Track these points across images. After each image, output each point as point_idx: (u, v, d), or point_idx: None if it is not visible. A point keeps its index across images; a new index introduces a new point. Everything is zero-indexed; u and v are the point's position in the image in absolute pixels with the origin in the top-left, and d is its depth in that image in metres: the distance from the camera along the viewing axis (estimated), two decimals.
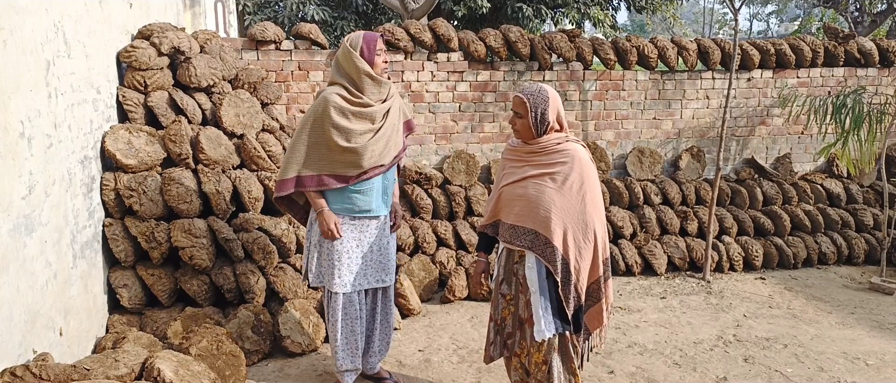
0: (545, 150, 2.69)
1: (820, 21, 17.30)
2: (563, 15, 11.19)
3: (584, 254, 2.68)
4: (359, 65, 2.96)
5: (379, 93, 3.03)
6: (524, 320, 2.76)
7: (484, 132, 5.67)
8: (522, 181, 2.71)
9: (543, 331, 2.67)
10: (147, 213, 3.69)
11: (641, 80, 5.90)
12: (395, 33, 5.27)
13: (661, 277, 5.33)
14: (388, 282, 3.25)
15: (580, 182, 2.64)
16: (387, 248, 3.23)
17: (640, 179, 5.82)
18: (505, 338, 2.86)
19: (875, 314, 4.59)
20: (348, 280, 3.10)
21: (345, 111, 2.95)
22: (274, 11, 10.76)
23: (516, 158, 2.79)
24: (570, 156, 2.66)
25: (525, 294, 2.74)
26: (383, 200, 3.16)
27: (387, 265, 3.23)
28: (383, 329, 3.37)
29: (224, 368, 3.16)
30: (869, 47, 6.15)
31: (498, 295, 2.88)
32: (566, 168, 2.64)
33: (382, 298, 3.32)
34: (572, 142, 2.71)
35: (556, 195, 2.63)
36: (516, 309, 2.80)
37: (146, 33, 4.22)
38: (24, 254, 2.72)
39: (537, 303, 2.67)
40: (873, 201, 6.12)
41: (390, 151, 3.09)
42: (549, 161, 2.67)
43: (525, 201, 2.69)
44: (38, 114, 2.89)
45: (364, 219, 3.12)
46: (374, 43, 3.00)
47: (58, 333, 3.02)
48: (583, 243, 2.66)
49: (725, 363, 3.80)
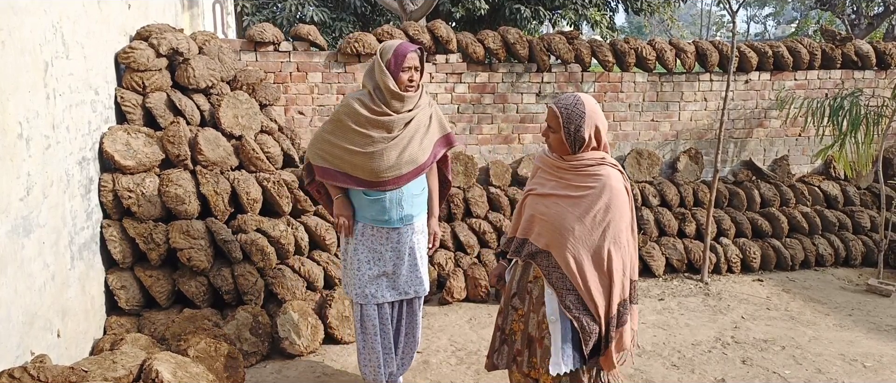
0: (576, 170, 2.47)
1: (817, 23, 17.37)
2: (560, 16, 11.20)
3: (594, 285, 2.47)
4: (382, 76, 2.88)
5: (401, 105, 2.93)
6: (535, 339, 2.61)
7: (482, 133, 5.67)
8: (547, 198, 2.54)
9: (560, 365, 2.48)
10: (145, 215, 3.69)
11: (639, 82, 5.91)
12: (393, 35, 5.27)
13: (659, 279, 5.34)
14: (412, 294, 3.17)
15: (604, 212, 2.43)
16: (412, 261, 3.12)
17: (638, 181, 5.83)
18: (514, 353, 2.72)
19: (873, 316, 4.60)
20: (369, 291, 3.07)
21: (360, 118, 2.91)
22: (272, 12, 10.75)
23: (546, 169, 2.59)
24: (601, 182, 2.43)
25: (537, 313, 2.61)
26: (402, 212, 3.04)
27: (412, 278, 3.14)
28: (408, 343, 3.31)
29: (222, 370, 3.16)
30: (866, 50, 6.17)
31: (509, 306, 2.72)
32: (593, 194, 2.43)
33: (408, 311, 3.26)
34: (608, 166, 2.47)
35: (575, 223, 2.44)
36: (527, 327, 2.65)
37: (144, 34, 4.22)
38: (21, 256, 2.71)
39: (555, 333, 2.50)
40: (870, 203, 6.14)
41: (407, 162, 2.96)
42: (578, 183, 2.46)
43: (545, 222, 2.53)
44: (37, 116, 2.88)
45: (385, 230, 3.05)
46: (404, 58, 2.87)
47: (55, 335, 3.02)
48: (594, 273, 2.47)
49: (723, 364, 3.80)
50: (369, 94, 2.94)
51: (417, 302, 3.26)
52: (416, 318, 3.28)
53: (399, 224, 3.05)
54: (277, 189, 4.17)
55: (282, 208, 4.22)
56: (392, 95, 2.89)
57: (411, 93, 2.94)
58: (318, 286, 4.18)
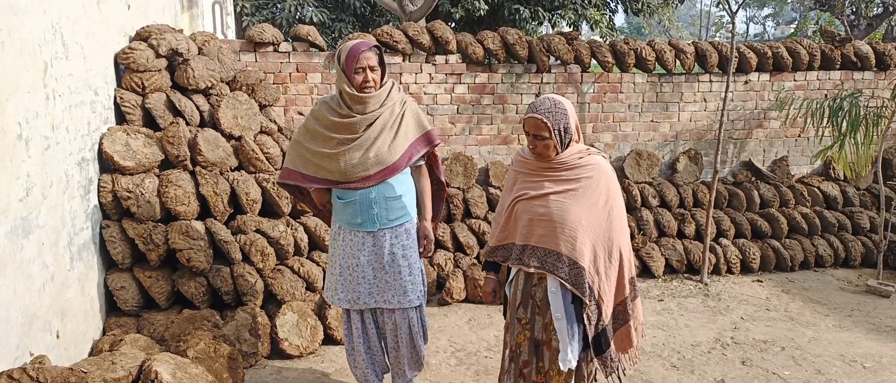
0: (566, 165, 2.47)
1: (816, 24, 17.37)
2: (560, 17, 11.21)
3: (609, 275, 2.50)
4: (339, 80, 2.83)
5: (363, 107, 2.81)
6: (543, 342, 2.56)
7: (482, 134, 5.68)
8: (543, 198, 2.49)
9: (570, 361, 2.46)
10: (144, 215, 3.68)
11: (639, 83, 5.91)
12: (393, 35, 5.27)
13: (658, 279, 5.34)
14: (395, 304, 2.97)
15: (606, 197, 2.46)
16: (395, 270, 2.94)
17: (637, 181, 5.83)
18: (520, 367, 2.62)
19: (872, 316, 4.60)
20: (342, 296, 3.00)
21: (325, 121, 2.87)
22: (272, 13, 10.75)
23: (532, 172, 2.56)
24: (594, 169, 2.46)
25: (543, 316, 2.55)
26: (375, 215, 2.89)
27: (395, 287, 2.95)
28: (397, 357, 3.09)
29: (221, 370, 3.15)
30: (865, 51, 6.18)
31: (514, 319, 2.63)
32: (591, 182, 2.45)
33: (393, 323, 3.04)
34: (595, 155, 2.51)
35: (582, 213, 2.43)
36: (532, 334, 2.59)
37: (144, 35, 4.22)
38: (21, 257, 2.71)
39: (563, 330, 2.47)
40: (870, 204, 6.14)
41: (373, 162, 2.83)
42: (572, 176, 2.47)
43: (548, 221, 2.46)
44: (36, 116, 2.88)
45: (361, 234, 2.93)
46: (354, 59, 2.76)
47: (55, 336, 3.01)
48: (608, 263, 2.48)
49: (723, 365, 3.81)
50: (336, 97, 2.90)
51: (402, 316, 3.01)
52: (400, 333, 3.03)
53: (373, 227, 2.90)
54: (277, 190, 4.16)
55: (281, 209, 4.22)
56: (350, 98, 2.81)
57: (370, 93, 2.81)
58: (317, 287, 4.18)
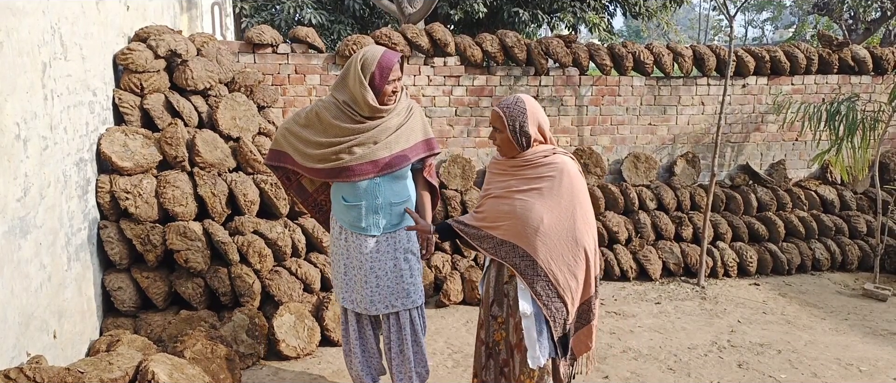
0: (531, 164, 2.50)
1: (814, 28, 17.42)
2: (559, 20, 11.23)
3: (575, 273, 2.50)
4: (362, 90, 2.66)
5: (382, 115, 2.75)
6: (514, 346, 2.58)
7: (480, 136, 5.68)
8: (507, 197, 2.52)
9: (538, 358, 2.48)
10: (142, 216, 3.68)
11: (637, 86, 5.92)
12: (392, 37, 5.28)
13: (655, 282, 5.35)
14: (399, 306, 2.93)
15: (570, 196, 2.47)
16: (397, 274, 2.92)
17: (635, 184, 5.84)
18: (501, 365, 2.64)
19: (868, 320, 4.61)
20: (346, 296, 3.00)
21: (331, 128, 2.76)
22: (271, 15, 10.75)
23: (501, 171, 2.60)
24: (558, 169, 2.48)
25: (514, 316, 2.56)
26: (380, 221, 2.87)
27: (397, 290, 2.92)
28: (400, 361, 3.02)
29: (218, 371, 3.15)
30: (863, 55, 6.20)
31: (488, 316, 2.67)
32: (554, 182, 2.47)
33: (395, 326, 3.00)
34: (560, 154, 2.53)
35: (544, 211, 2.45)
36: (508, 334, 2.60)
37: (143, 36, 4.22)
38: (18, 257, 2.71)
39: (530, 327, 2.49)
40: (867, 208, 6.16)
41: (382, 147, 2.75)
42: (535, 174, 2.49)
43: (512, 218, 2.50)
44: (34, 117, 2.88)
45: (363, 237, 2.89)
46: (389, 71, 2.65)
47: (52, 336, 3.01)
48: (573, 261, 2.49)
49: (720, 368, 3.81)
50: (340, 107, 2.74)
51: (405, 316, 2.99)
52: (404, 333, 2.99)
53: (376, 232, 2.88)
54: (275, 191, 4.17)
55: (279, 210, 4.22)
56: (371, 110, 2.69)
57: (392, 105, 2.75)
58: (314, 288, 4.18)
